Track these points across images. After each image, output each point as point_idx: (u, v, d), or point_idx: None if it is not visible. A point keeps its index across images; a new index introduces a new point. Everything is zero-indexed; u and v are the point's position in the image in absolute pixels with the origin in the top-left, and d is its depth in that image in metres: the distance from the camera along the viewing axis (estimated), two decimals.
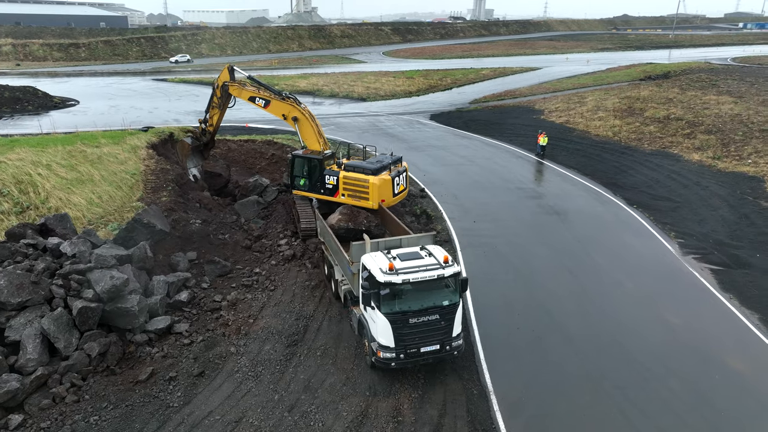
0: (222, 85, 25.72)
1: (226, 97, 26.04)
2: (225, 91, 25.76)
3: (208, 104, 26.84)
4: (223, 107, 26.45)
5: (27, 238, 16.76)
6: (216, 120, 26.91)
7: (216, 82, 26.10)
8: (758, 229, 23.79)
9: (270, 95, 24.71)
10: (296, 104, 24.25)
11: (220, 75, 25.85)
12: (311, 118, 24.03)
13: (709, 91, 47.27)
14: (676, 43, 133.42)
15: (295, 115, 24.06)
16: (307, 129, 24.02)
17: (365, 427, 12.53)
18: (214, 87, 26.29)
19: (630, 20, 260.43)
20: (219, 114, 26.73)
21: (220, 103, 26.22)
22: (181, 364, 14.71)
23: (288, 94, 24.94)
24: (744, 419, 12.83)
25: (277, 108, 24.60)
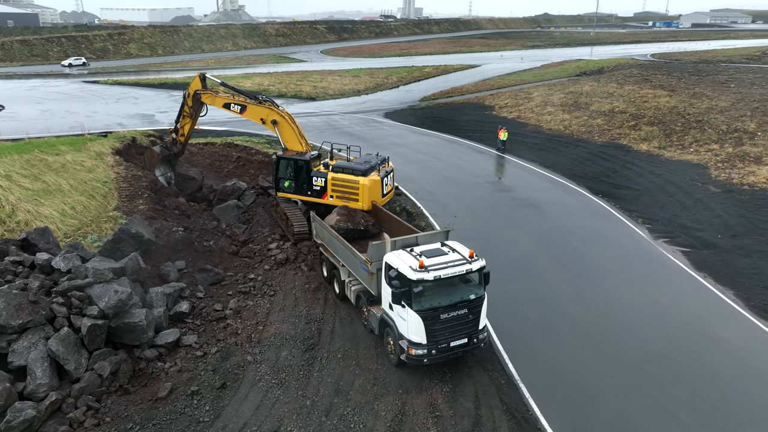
0: (193, 93, 24.86)
1: (198, 106, 25.20)
2: (197, 100, 24.91)
3: (179, 113, 25.98)
4: (195, 116, 25.64)
5: (11, 255, 15.54)
6: (188, 129, 26.09)
7: (187, 90, 25.28)
8: (714, 213, 25.78)
9: (245, 100, 24.13)
10: (274, 107, 23.80)
11: (191, 83, 25.07)
12: (291, 120, 23.65)
13: (644, 85, 50.46)
14: (597, 41, 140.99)
15: (274, 118, 23.59)
16: (287, 131, 23.61)
17: (406, 424, 12.62)
18: (184, 96, 25.45)
19: (551, 18, 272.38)
20: (191, 123, 25.94)
21: (191, 112, 25.38)
22: (201, 377, 14.18)
23: (265, 98, 24.43)
24: (745, 387, 13.94)
25: (254, 112, 24.03)
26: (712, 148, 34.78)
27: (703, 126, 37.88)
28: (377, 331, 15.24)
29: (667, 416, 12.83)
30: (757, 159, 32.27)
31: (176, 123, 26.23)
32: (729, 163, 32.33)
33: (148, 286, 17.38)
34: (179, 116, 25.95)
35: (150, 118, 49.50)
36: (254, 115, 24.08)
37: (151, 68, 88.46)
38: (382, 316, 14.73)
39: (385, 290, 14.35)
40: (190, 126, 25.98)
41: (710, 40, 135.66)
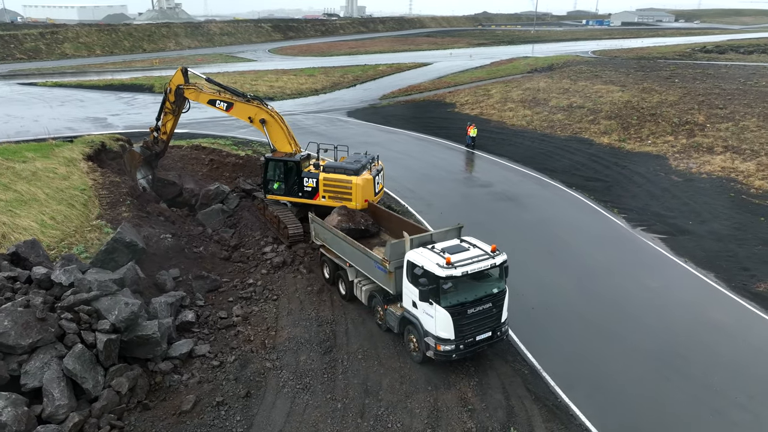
0: (176, 88, 23.91)
1: (180, 102, 24.25)
2: (180, 95, 23.98)
3: (160, 110, 24.90)
4: (178, 113, 24.64)
5: (4, 270, 14.52)
6: (170, 127, 25.02)
7: (168, 85, 24.26)
8: (681, 200, 27.31)
9: (232, 97, 23.50)
10: (263, 105, 23.31)
11: (173, 78, 24.09)
12: (280, 119, 23.22)
13: (596, 81, 52.67)
14: (539, 38, 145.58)
15: (263, 117, 23.11)
16: (277, 132, 23.17)
17: (442, 420, 12.75)
18: (165, 91, 24.40)
19: (491, 17, 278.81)
20: (173, 120, 24.89)
21: (173, 109, 24.38)
22: (224, 387, 13.78)
23: (252, 96, 23.87)
24: (743, 360, 14.91)
25: (241, 111, 23.45)
26: (668, 139, 36.79)
27: (657, 119, 39.99)
28: (397, 330, 15.27)
29: (684, 394, 13.56)
30: (709, 149, 34.39)
31: (157, 120, 25.14)
32: (685, 154, 34.31)
33: (147, 297, 16.68)
34: (160, 113, 24.95)
35: (102, 121, 47.22)
36: (241, 114, 23.48)
37: (91, 69, 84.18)
38: (404, 315, 14.77)
39: (408, 288, 14.40)
40: (172, 123, 25.04)
41: (642, 38, 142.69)
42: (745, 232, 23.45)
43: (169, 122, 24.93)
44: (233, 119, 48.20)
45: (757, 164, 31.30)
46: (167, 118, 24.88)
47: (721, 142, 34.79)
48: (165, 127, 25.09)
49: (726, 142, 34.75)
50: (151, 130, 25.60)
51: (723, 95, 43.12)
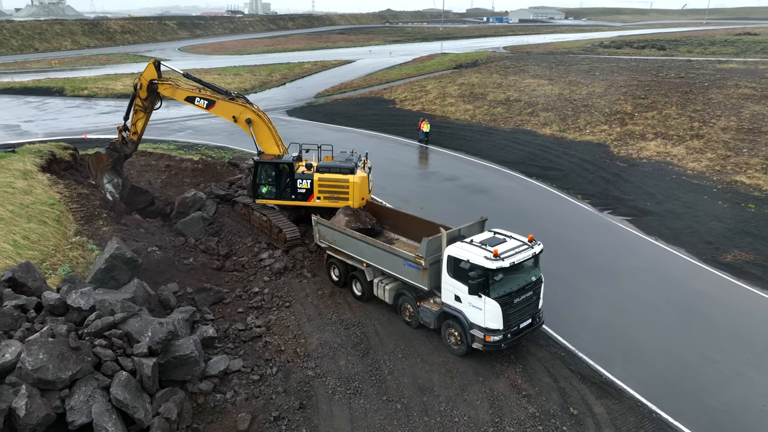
0: (148, 83, 22.23)
1: (153, 98, 22.61)
2: (152, 91, 22.34)
3: (129, 108, 23.15)
4: (150, 110, 22.97)
5: (8, 299, 12.92)
6: (141, 126, 23.26)
7: (138, 80, 22.47)
8: (633, 184, 29.57)
9: (213, 95, 22.19)
10: (248, 104, 22.27)
11: (144, 72, 22.37)
12: (267, 119, 22.33)
13: (524, 75, 55.42)
14: (449, 35, 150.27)
15: (249, 116, 22.05)
16: (264, 132, 22.25)
17: (505, 408, 13.06)
18: (135, 87, 22.59)
19: (396, 14, 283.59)
20: (145, 119, 23.16)
21: (145, 106, 22.68)
22: (276, 401, 13.21)
23: (236, 94, 22.73)
24: (734, 323, 16.53)
25: (224, 109, 22.21)
26: (603, 128, 39.59)
27: (590, 110, 42.88)
28: (433, 326, 15.37)
29: (702, 358, 14.83)
30: (642, 136, 37.45)
31: (125, 119, 23.34)
32: (622, 141, 37.11)
33: (158, 315, 15.54)
34: (129, 111, 23.16)
35: (15, 129, 43.13)
36: (225, 112, 22.23)
37: None
38: (443, 310, 14.91)
39: (449, 283, 14.54)
40: (144, 122, 23.25)
41: (543, 34, 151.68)
42: (696, 210, 25.88)
43: (140, 121, 23.17)
44: (166, 122, 46.01)
45: (685, 148, 34.56)
46: (138, 116, 23.10)
47: (651, 129, 38.01)
48: (135, 127, 23.27)
49: (655, 129, 38.01)
50: (119, 130, 23.62)
51: (641, 86, 47.04)
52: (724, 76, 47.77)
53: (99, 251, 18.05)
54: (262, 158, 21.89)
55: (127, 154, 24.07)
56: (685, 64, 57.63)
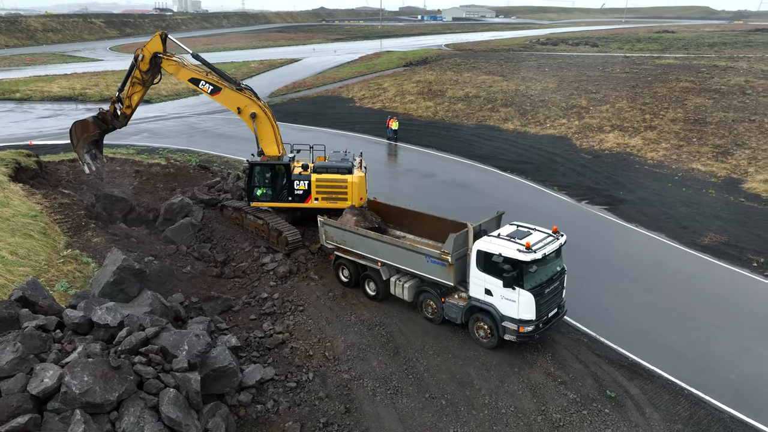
0: (153, 56, 20.93)
1: (155, 72, 21.34)
2: (155, 65, 21.05)
3: (126, 79, 21.72)
4: (148, 84, 21.78)
5: (25, 320, 11.90)
6: (136, 100, 22.07)
7: (141, 51, 21.11)
8: (603, 174, 30.97)
9: (221, 81, 20.96)
10: (255, 98, 21.27)
11: (149, 43, 21.03)
12: (272, 116, 21.45)
13: (478, 72, 56.66)
14: (389, 33, 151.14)
15: (254, 111, 20.98)
16: (267, 129, 21.34)
17: (547, 395, 13.38)
18: (136, 58, 21.23)
19: (331, 12, 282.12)
20: (142, 92, 21.95)
21: (144, 79, 21.44)
22: (320, 407, 12.93)
23: (245, 85, 21.63)
24: (731, 300, 17.72)
25: (230, 99, 21.01)
26: (563, 122, 41.18)
27: (547, 104, 44.47)
28: (460, 320, 15.50)
29: (710, 335, 15.79)
30: (599, 128, 39.24)
31: (119, 92, 21.96)
32: (582, 134, 38.74)
33: (175, 326, 14.82)
34: (125, 83, 21.79)
35: None
36: (230, 102, 21.05)
37: None
38: (472, 304, 15.06)
39: (479, 278, 14.71)
40: (140, 96, 21.98)
41: (479, 32, 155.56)
42: (665, 197, 27.45)
43: (137, 94, 21.86)
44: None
45: (641, 139, 36.52)
46: (135, 89, 21.74)
47: (607, 122, 39.90)
48: (130, 100, 21.95)
49: (610, 122, 39.94)
50: (112, 101, 22.21)
51: (591, 81, 49.29)
52: (665, 71, 50.87)
53: (95, 264, 16.98)
54: (262, 159, 21.22)
55: (116, 127, 22.89)
56: (627, 60, 60.82)
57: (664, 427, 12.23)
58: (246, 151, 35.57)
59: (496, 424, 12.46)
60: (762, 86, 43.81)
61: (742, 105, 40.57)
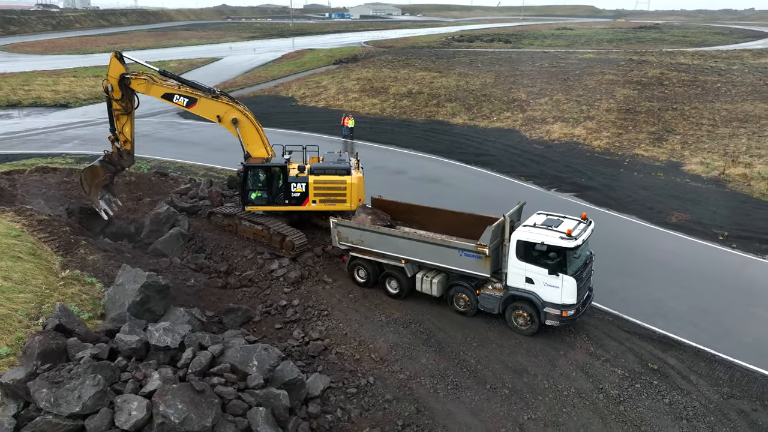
0: (119, 80, 19.45)
1: (129, 95, 19.93)
2: (125, 88, 19.63)
3: (110, 117, 20.57)
4: (131, 110, 20.66)
5: (78, 349, 10.66)
6: (129, 131, 20.86)
7: (106, 82, 19.73)
8: (560, 163, 32.64)
9: (194, 92, 19.96)
10: (234, 103, 20.40)
11: (109, 69, 19.76)
12: (254, 119, 20.62)
13: (414, 69, 57.47)
14: (302, 31, 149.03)
15: (235, 116, 20.21)
16: (251, 133, 20.54)
17: (597, 374, 13.99)
18: (107, 90, 19.76)
19: (236, 10, 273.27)
20: (130, 122, 20.80)
21: (125, 107, 20.13)
22: (390, 410, 12.72)
23: (220, 91, 20.62)
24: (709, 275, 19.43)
25: (208, 108, 20.14)
26: (507, 115, 42.90)
27: (489, 99, 46.11)
28: (498, 310, 15.80)
29: (715, 306, 17.22)
30: (542, 120, 41.32)
31: (112, 131, 20.79)
32: (528, 126, 40.58)
33: None
34: (112, 119, 20.62)
35: None
36: (208, 112, 20.23)
37: None
38: (510, 294, 15.40)
39: (519, 267, 15.08)
40: (130, 126, 20.91)
41: (391, 30, 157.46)
42: (622, 182, 29.50)
43: (126, 126, 20.78)
44: (38, 132, 39.73)
45: (584, 129, 38.91)
46: (121, 121, 20.68)
47: (548, 114, 42.11)
48: (123, 135, 20.85)
49: (551, 113, 42.19)
50: (111, 141, 21.04)
51: (524, 76, 51.71)
52: (589, 65, 54.46)
53: (100, 284, 15.48)
54: (250, 162, 20.33)
55: (125, 166, 21.93)
56: (552, 55, 64.34)
57: (713, 391, 13.26)
58: (194, 155, 34.07)
59: (565, 407, 12.89)
60: (675, 78, 48.24)
61: (663, 95, 44.46)
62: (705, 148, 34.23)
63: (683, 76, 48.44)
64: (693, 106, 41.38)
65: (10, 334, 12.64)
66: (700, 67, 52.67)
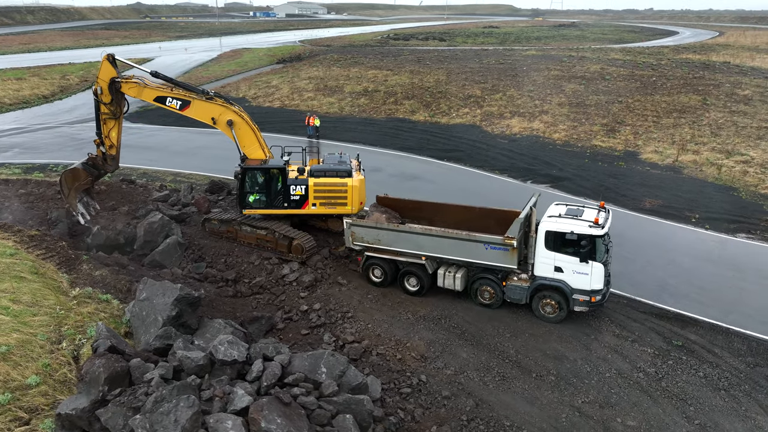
0: (109, 83, 18.34)
1: (119, 99, 18.89)
2: (116, 92, 18.58)
3: (98, 120, 19.74)
4: (120, 115, 19.90)
5: (142, 372, 9.86)
6: (116, 136, 20.08)
7: (96, 85, 18.69)
8: (528, 156, 33.72)
9: (188, 94, 19.05)
10: (228, 104, 19.55)
11: (100, 72, 18.82)
12: (250, 120, 19.86)
13: (364, 67, 57.38)
14: (230, 30, 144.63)
15: (230, 118, 19.46)
16: (247, 134, 19.81)
17: (631, 354, 14.62)
18: (96, 92, 18.80)
19: (153, 8, 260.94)
20: (117, 126, 20.03)
21: (113, 111, 19.31)
22: (450, 406, 12.71)
23: (214, 93, 19.69)
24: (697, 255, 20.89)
25: (202, 110, 19.30)
26: (466, 111, 43.81)
27: (446, 96, 46.87)
28: (525, 300, 16.15)
29: (711, 283, 18.49)
30: (500, 115, 42.55)
31: (98, 135, 20.03)
32: (488, 121, 41.65)
33: None
34: (99, 122, 19.82)
35: None
36: (202, 114, 19.44)
37: None
38: (539, 283, 15.79)
39: (548, 257, 15.49)
40: (117, 130, 20.15)
41: (321, 29, 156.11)
42: (590, 172, 30.96)
43: (113, 130, 20.08)
44: None
45: (541, 123, 40.44)
46: (109, 125, 19.97)
47: (505, 109, 43.42)
48: (110, 139, 20.08)
49: (508, 108, 43.53)
50: (97, 145, 20.21)
51: (475, 72, 52.98)
52: (534, 61, 56.63)
53: (116, 301, 14.40)
54: (248, 164, 19.59)
55: (108, 171, 21.12)
56: (497, 53, 66.22)
57: (738, 361, 14.26)
58: (155, 160, 32.51)
59: (612, 388, 13.40)
60: (615, 72, 51.15)
61: (607, 89, 47.03)
62: (655, 137, 36.54)
63: (621, 71, 51.46)
64: (636, 99, 44.07)
65: (35, 361, 11.54)
66: (634, 63, 56.13)
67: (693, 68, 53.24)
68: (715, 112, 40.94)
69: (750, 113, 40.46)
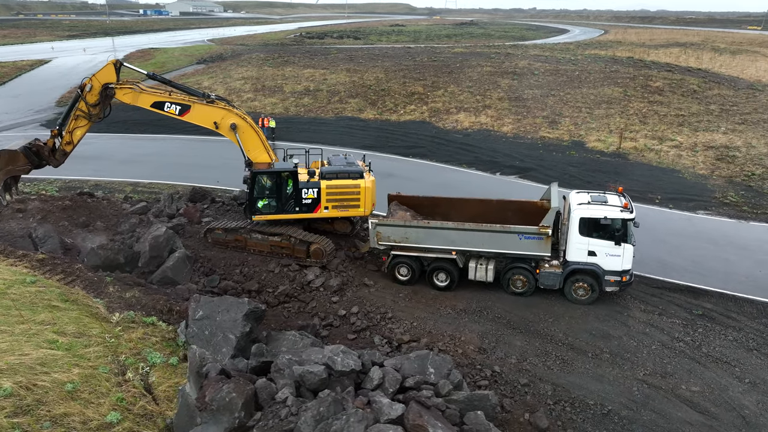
0: (102, 87, 16.89)
1: (104, 104, 17.79)
2: (107, 97, 17.02)
3: (69, 112, 18.44)
4: (95, 119, 18.62)
5: (270, 391, 9.19)
6: (79, 136, 18.95)
7: (89, 81, 17.51)
8: (488, 149, 34.94)
9: (187, 98, 17.80)
10: (231, 107, 18.47)
11: (100, 72, 17.35)
12: (253, 123, 18.90)
13: (297, 66, 56.22)
14: (126, 29, 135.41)
15: (234, 121, 18.45)
16: (252, 138, 18.87)
17: (665, 327, 15.77)
18: (82, 88, 17.76)
19: (26, 5, 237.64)
20: (86, 128, 18.89)
21: (90, 113, 18.16)
22: (534, 392, 13.09)
23: (216, 96, 18.43)
24: (680, 234, 22.89)
25: (203, 115, 18.20)
26: (413, 108, 44.44)
27: (389, 93, 47.21)
28: (559, 286, 16.87)
29: (712, 260, 20.34)
30: (447, 111, 43.65)
31: (61, 125, 18.67)
32: (437, 117, 42.57)
33: None
34: (69, 117, 18.52)
35: None
36: (203, 119, 18.36)
37: None
38: (573, 268, 16.55)
39: (582, 242, 16.30)
40: (83, 131, 19.03)
41: (228, 27, 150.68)
42: (548, 162, 32.70)
43: (80, 129, 18.86)
44: None
45: (486, 117, 42.04)
46: (78, 123, 18.67)
47: (449, 105, 44.57)
48: (71, 135, 18.74)
49: (452, 104, 44.73)
50: (53, 135, 18.68)
51: (411, 69, 53.75)
52: (465, 58, 58.48)
53: (163, 323, 13.23)
54: (257, 167, 18.69)
55: (51, 165, 19.45)
56: (426, 50, 67.48)
57: (757, 323, 15.90)
58: (104, 170, 30.26)
59: (663, 358, 14.43)
60: (543, 68, 54.21)
61: (538, 83, 49.76)
62: (593, 127, 39.28)
63: (547, 66, 54.66)
64: (566, 92, 47.05)
65: (106, 396, 10.37)
66: (555, 58, 59.82)
67: (606, 63, 57.75)
68: (636, 102, 44.72)
69: (665, 102, 44.68)
